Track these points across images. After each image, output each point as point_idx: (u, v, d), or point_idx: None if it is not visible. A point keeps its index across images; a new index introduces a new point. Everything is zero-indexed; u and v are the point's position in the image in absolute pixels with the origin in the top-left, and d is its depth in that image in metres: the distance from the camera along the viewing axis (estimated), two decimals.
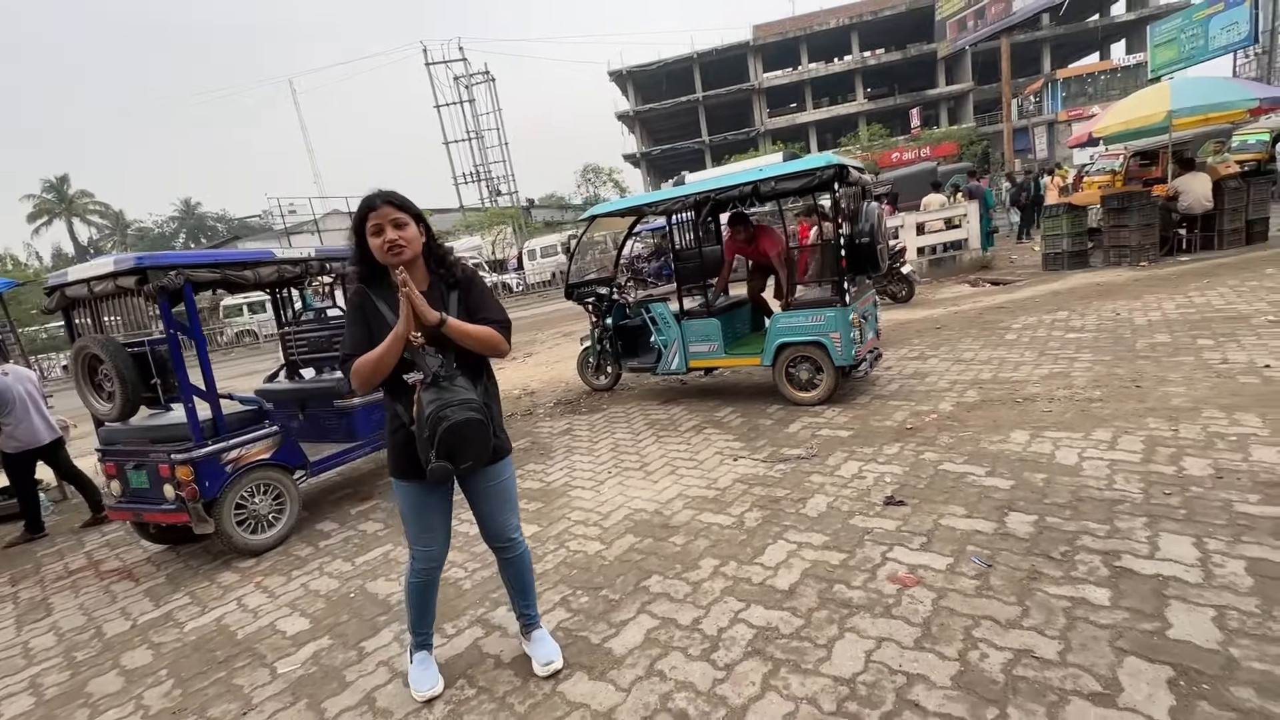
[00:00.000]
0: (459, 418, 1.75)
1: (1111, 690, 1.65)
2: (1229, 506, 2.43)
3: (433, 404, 1.76)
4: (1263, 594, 1.92)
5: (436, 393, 1.77)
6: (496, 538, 2.09)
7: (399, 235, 1.80)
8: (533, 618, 2.22)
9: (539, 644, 2.18)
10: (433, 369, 1.79)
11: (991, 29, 21.15)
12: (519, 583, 2.18)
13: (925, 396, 4.48)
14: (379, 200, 1.82)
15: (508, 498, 2.07)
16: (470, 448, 1.81)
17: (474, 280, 1.98)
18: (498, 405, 2.04)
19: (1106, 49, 42.17)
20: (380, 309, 1.86)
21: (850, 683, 1.84)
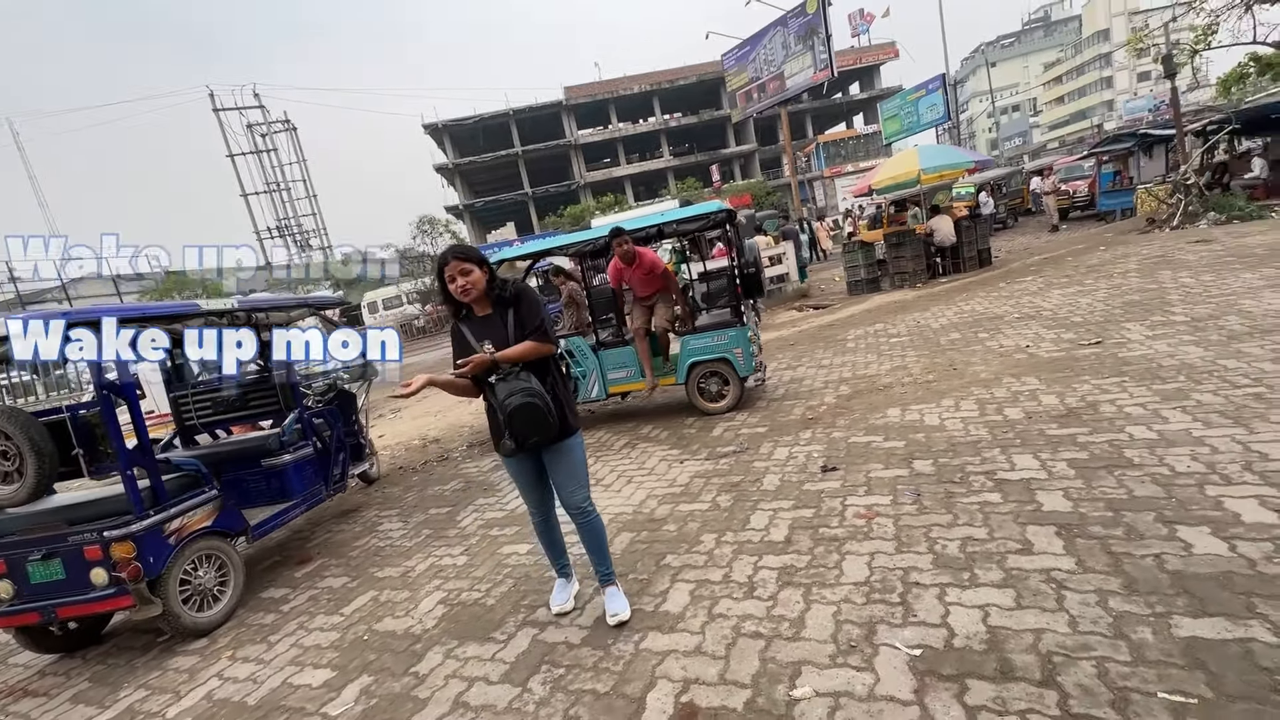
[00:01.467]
0: (519, 402, 2.27)
1: (1027, 547, 2.46)
2: (1043, 433, 3.54)
3: (503, 393, 2.30)
4: (1084, 478, 2.92)
5: (504, 385, 2.32)
6: (568, 506, 2.54)
7: (466, 281, 2.36)
8: (608, 573, 2.63)
9: (612, 598, 2.57)
10: (503, 369, 2.34)
11: (772, 101, 25.18)
12: (593, 545, 2.61)
13: (810, 395, 5.44)
14: (449, 256, 2.38)
15: (575, 472, 2.50)
16: (531, 425, 2.31)
17: (520, 297, 2.47)
18: (565, 391, 2.50)
19: (851, 120, 51.86)
20: (466, 335, 2.46)
21: (866, 583, 2.44)
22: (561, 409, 2.42)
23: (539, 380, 2.36)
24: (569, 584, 2.81)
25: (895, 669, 1.94)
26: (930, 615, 2.17)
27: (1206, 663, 1.72)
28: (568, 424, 2.45)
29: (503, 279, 2.48)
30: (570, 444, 2.48)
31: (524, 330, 2.40)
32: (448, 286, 2.39)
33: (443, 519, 4.28)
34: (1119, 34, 68.19)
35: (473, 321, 2.47)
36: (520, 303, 2.44)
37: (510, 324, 2.41)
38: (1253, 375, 3.70)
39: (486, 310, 2.47)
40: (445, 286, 2.40)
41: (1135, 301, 6.28)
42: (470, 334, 2.43)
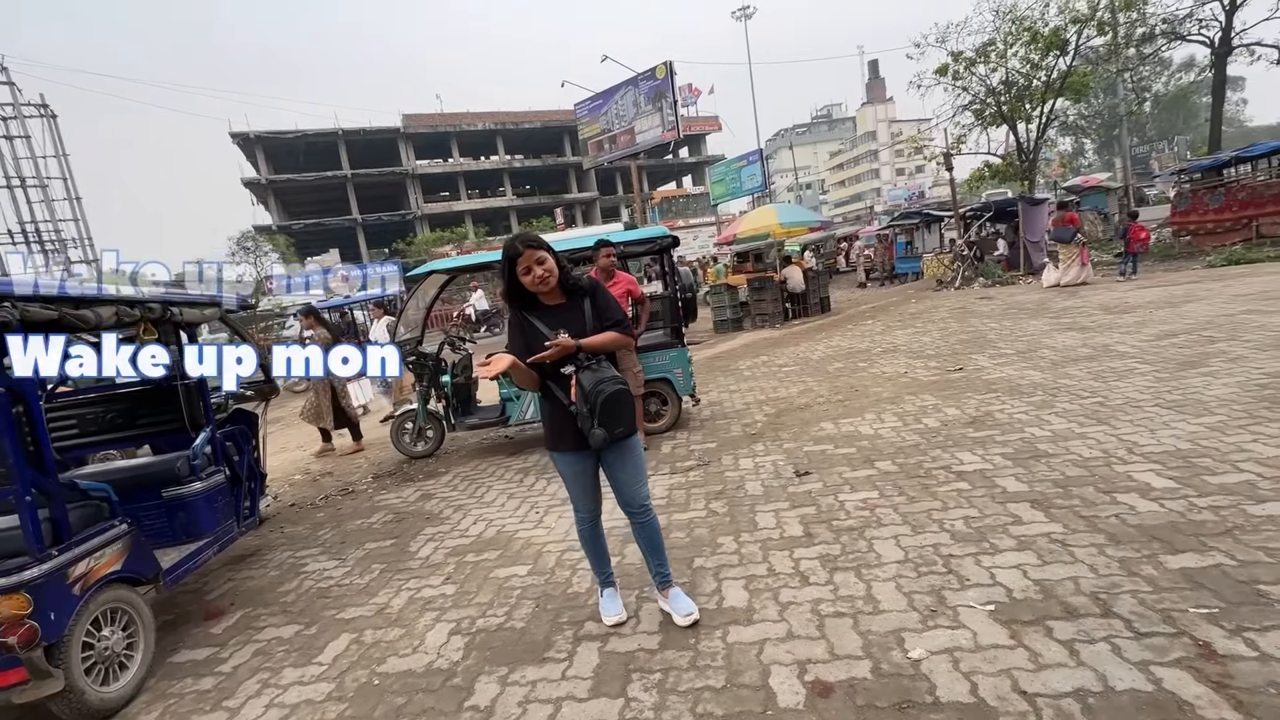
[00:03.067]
0: (612, 389, 2.21)
1: (1017, 519, 2.90)
2: (965, 436, 4.20)
3: (591, 381, 2.22)
4: (1021, 466, 3.52)
5: (591, 374, 2.24)
6: (630, 504, 2.46)
7: (543, 270, 2.27)
8: (667, 575, 2.55)
9: (676, 599, 2.49)
10: (581, 359, 2.28)
11: (623, 153, 26.70)
12: (651, 545, 2.52)
13: (738, 415, 5.78)
14: (522, 246, 2.28)
15: (639, 468, 2.45)
16: (622, 414, 2.25)
17: (596, 288, 2.46)
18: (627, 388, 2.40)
19: (680, 180, 56.62)
20: (536, 325, 2.33)
21: (907, 560, 2.68)
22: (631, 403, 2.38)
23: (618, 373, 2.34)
24: (617, 593, 2.67)
25: (983, 622, 2.18)
26: (980, 578, 2.46)
27: (1203, 583, 2.20)
28: (635, 419, 2.43)
29: (569, 269, 2.40)
30: (635, 441, 2.44)
31: (603, 321, 2.36)
32: (517, 277, 2.29)
33: (390, 552, 3.75)
34: (883, 136, 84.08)
35: (543, 312, 2.37)
36: (597, 294, 2.42)
37: (588, 314, 2.36)
38: (1088, 390, 4.78)
39: (558, 301, 2.39)
40: (513, 277, 2.30)
41: (967, 340, 7.71)
42: (541, 324, 2.32)
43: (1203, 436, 3.52)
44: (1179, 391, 4.37)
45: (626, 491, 2.44)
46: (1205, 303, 7.59)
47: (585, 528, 2.57)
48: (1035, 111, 18.54)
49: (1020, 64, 18.21)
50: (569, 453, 2.41)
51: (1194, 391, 4.32)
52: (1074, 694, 1.79)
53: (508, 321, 2.45)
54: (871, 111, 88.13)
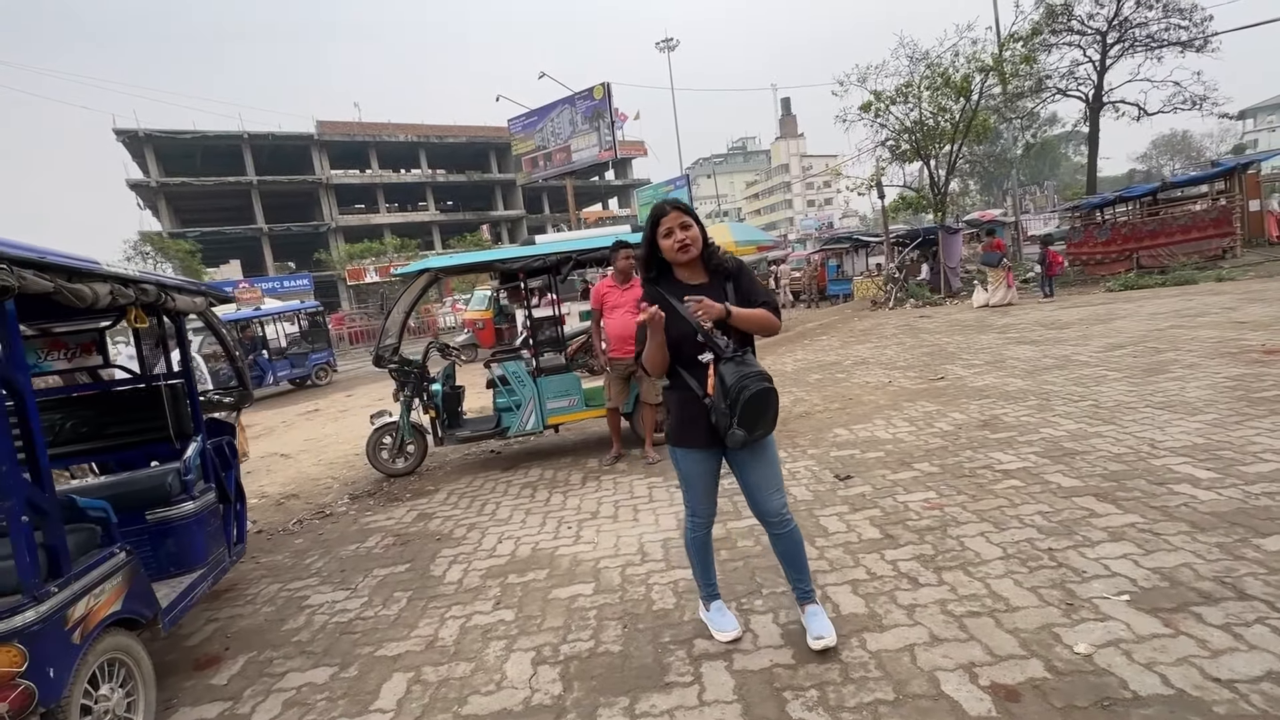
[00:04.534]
0: (757, 388, 1.98)
1: (1092, 512, 2.94)
2: (986, 438, 4.29)
3: (734, 376, 1.99)
4: (1062, 463, 3.62)
5: (735, 366, 2.01)
6: (767, 514, 2.20)
7: (686, 235, 2.07)
8: (808, 590, 2.28)
9: (814, 618, 2.23)
10: (724, 348, 2.05)
11: (559, 170, 26.54)
12: (790, 556, 2.25)
13: None
14: (668, 207, 2.11)
15: (776, 474, 2.20)
16: (764, 416, 2.03)
17: (743, 269, 2.24)
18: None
19: (606, 203, 57.03)
20: (672, 303, 2.08)
21: (1009, 557, 2.63)
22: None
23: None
24: (725, 605, 2.43)
25: (1129, 613, 2.13)
26: (1095, 569, 2.44)
27: None
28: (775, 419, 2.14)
29: (715, 247, 2.18)
30: (771, 442, 2.19)
31: (751, 301, 2.13)
32: (658, 240, 2.10)
33: (410, 578, 3.29)
34: (795, 169, 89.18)
35: (678, 287, 2.14)
36: (743, 274, 2.20)
37: (731, 295, 2.13)
38: (1075, 395, 5.06)
39: (699, 279, 2.18)
40: (653, 242, 2.12)
41: (930, 352, 8.07)
42: (677, 304, 2.06)
43: (1210, 432, 3.77)
44: (1160, 395, 4.71)
45: (762, 498, 2.18)
46: (1130, 320, 8.38)
47: (699, 534, 2.32)
48: (944, 150, 20.25)
49: (930, 106, 19.89)
50: (696, 450, 2.18)
51: (1174, 394, 4.66)
52: (1268, 677, 1.75)
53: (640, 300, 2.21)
54: (784, 145, 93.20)
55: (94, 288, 2.10)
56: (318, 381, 13.48)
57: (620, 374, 4.64)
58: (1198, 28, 20.06)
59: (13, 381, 1.75)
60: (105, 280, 2.20)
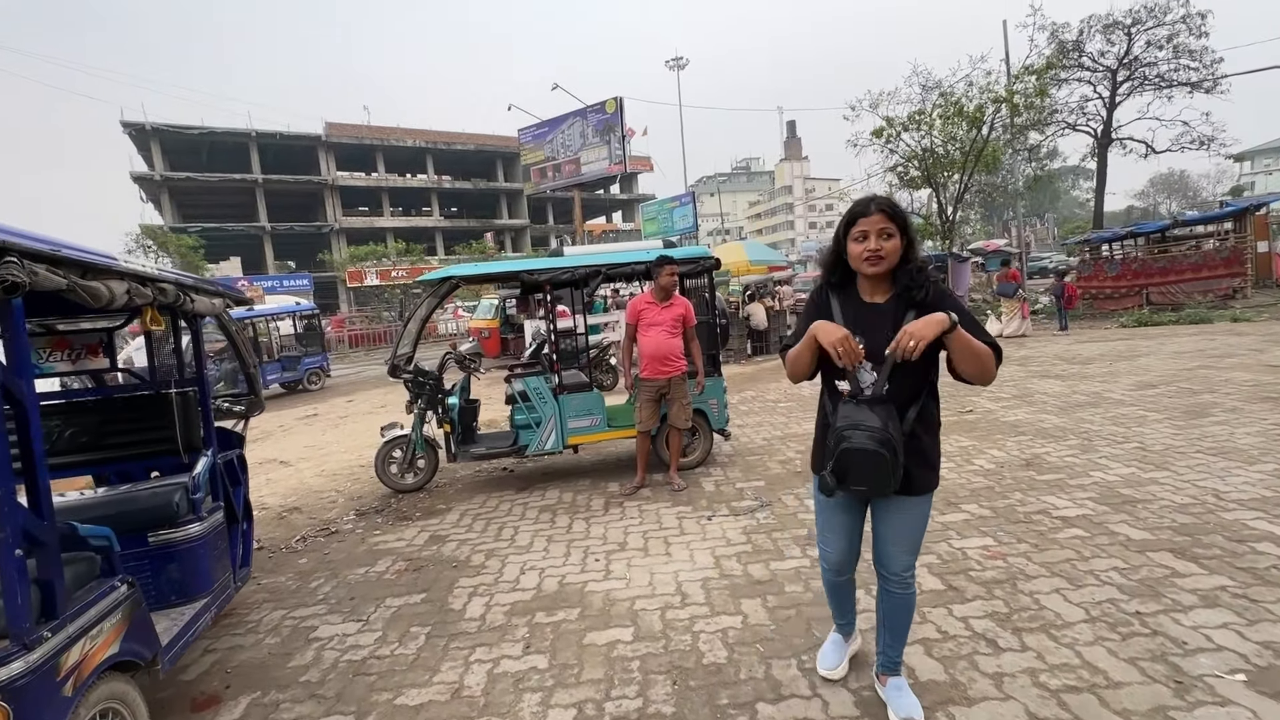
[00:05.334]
0: (857, 444, 1.73)
1: (1173, 571, 2.72)
2: (1033, 479, 4.08)
3: (843, 421, 1.78)
4: (1124, 512, 3.41)
5: (852, 411, 1.78)
6: (888, 570, 1.96)
7: (885, 246, 1.73)
8: (896, 662, 2.04)
9: (897, 692, 1.99)
10: (861, 385, 1.79)
11: (568, 182, 26.49)
12: (892, 621, 2.01)
13: (765, 451, 5.45)
14: (873, 207, 1.75)
15: (908, 534, 1.90)
16: (862, 474, 1.76)
17: (944, 299, 1.75)
18: (931, 436, 1.84)
19: (610, 216, 57.16)
20: (833, 309, 1.85)
21: (1091, 619, 2.41)
22: (926, 459, 1.81)
23: (915, 414, 1.78)
24: (845, 643, 2.25)
25: (1252, 697, 1.91)
26: (1197, 640, 2.22)
27: None
28: (926, 479, 1.83)
29: (921, 264, 1.77)
30: (918, 501, 1.86)
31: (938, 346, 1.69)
32: (847, 240, 1.77)
33: (427, 611, 3.03)
34: (798, 191, 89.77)
35: (850, 301, 1.84)
36: (946, 304, 1.71)
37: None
38: (1118, 435, 4.86)
39: (882, 296, 1.81)
40: (843, 239, 1.79)
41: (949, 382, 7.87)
42: (841, 314, 1.82)
43: (1276, 484, 3.57)
44: (1209, 439, 4.52)
45: (887, 553, 1.93)
46: (1154, 358, 8.23)
47: (830, 579, 2.11)
48: (954, 179, 20.29)
49: (941, 135, 19.97)
50: (824, 493, 1.89)
51: (1224, 439, 4.47)
52: None
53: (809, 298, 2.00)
54: (788, 167, 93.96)
55: (110, 285, 1.88)
56: (309, 386, 13.13)
57: (652, 395, 4.42)
58: (1207, 69, 20.26)
59: (14, 390, 1.52)
60: (123, 278, 1.98)
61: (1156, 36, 20.61)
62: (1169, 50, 20.57)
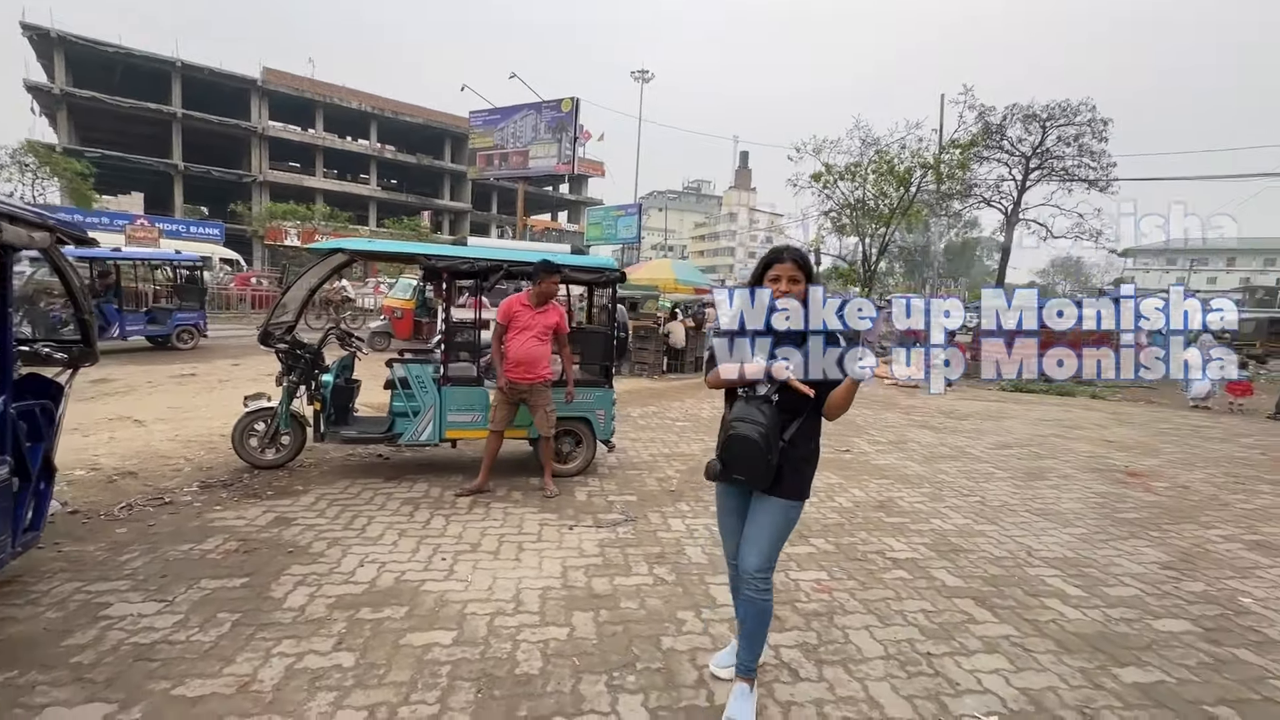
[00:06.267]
0: (742, 432, 2.02)
1: (970, 618, 2.96)
2: (881, 520, 4.34)
3: (736, 414, 2.08)
4: (947, 559, 3.68)
5: (743, 408, 2.07)
6: (745, 569, 2.15)
7: (790, 289, 2.05)
8: (746, 666, 2.20)
9: (737, 697, 2.16)
10: (757, 391, 2.08)
11: (514, 173, 26.06)
12: (746, 626, 2.19)
13: (647, 467, 5.52)
14: (785, 255, 2.10)
15: (766, 534, 2.11)
16: (742, 462, 2.04)
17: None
18: (803, 449, 2.10)
19: (556, 215, 56.71)
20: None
21: (888, 655, 2.58)
22: (796, 467, 2.09)
23: (797, 426, 2.07)
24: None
25: None
26: (969, 683, 2.42)
27: (1162, 701, 2.35)
28: (793, 485, 2.10)
29: None
30: (787, 506, 2.12)
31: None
32: (764, 280, 2.09)
33: (244, 597, 2.85)
34: (743, 220, 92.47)
35: None
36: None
37: None
38: (965, 489, 5.27)
39: None
40: (759, 279, 2.12)
41: (842, 424, 8.25)
42: None
43: (1078, 547, 3.97)
44: (1038, 501, 4.97)
45: (745, 551, 2.15)
46: (1018, 421, 9.01)
47: (730, 573, 2.34)
48: (879, 231, 21.59)
49: (873, 189, 21.23)
50: (721, 481, 2.19)
51: (1050, 502, 4.94)
52: None
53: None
54: (736, 195, 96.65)
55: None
56: (179, 345, 11.81)
57: (509, 398, 4.38)
58: (1103, 171, 22.62)
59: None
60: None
61: (1066, 134, 22.81)
62: (1074, 148, 22.81)
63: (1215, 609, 3.16)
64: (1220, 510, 4.90)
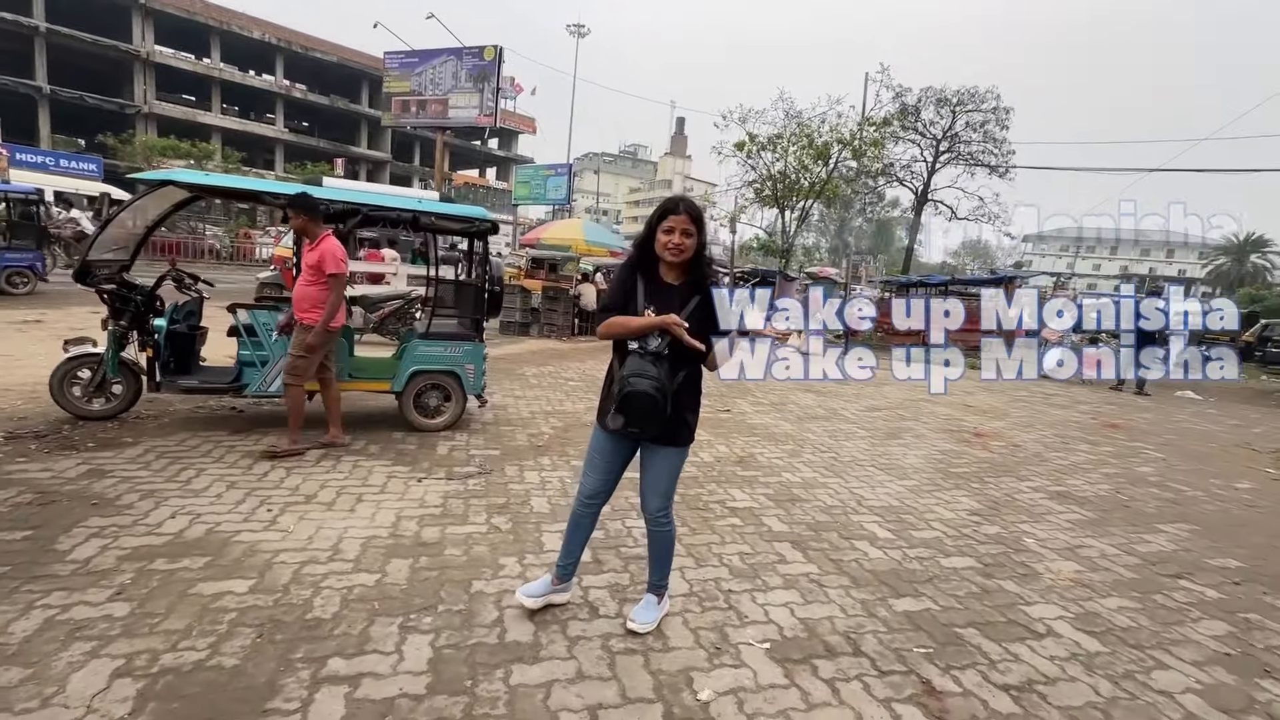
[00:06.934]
0: (640, 388, 2.09)
1: (782, 558, 3.17)
2: (735, 474, 4.54)
3: (630, 369, 2.14)
4: (782, 508, 3.90)
5: (637, 363, 2.14)
6: (647, 511, 2.38)
7: (685, 243, 2.15)
8: (655, 584, 2.49)
9: (643, 604, 2.46)
10: (649, 345, 2.15)
11: (432, 122, 24.74)
12: (653, 552, 2.47)
13: (523, 423, 5.51)
14: (681, 207, 2.16)
15: (662, 480, 2.33)
16: (637, 415, 2.13)
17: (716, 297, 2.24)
18: (690, 399, 2.29)
19: (484, 171, 54.53)
20: (637, 290, 2.22)
21: (692, 594, 2.72)
22: (684, 416, 2.27)
23: (683, 375, 2.22)
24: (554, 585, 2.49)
25: (762, 661, 2.27)
26: (757, 615, 2.59)
27: (920, 625, 2.61)
28: (683, 433, 2.30)
29: (710, 260, 2.27)
30: (679, 452, 2.34)
31: (706, 328, 2.17)
32: (657, 232, 2.17)
33: (22, 549, 2.65)
34: (678, 187, 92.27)
35: (652, 280, 2.24)
36: (714, 300, 2.21)
37: (694, 311, 2.17)
38: (825, 445, 5.59)
39: (675, 280, 2.24)
40: (653, 232, 2.19)
41: (732, 385, 8.57)
42: (643, 291, 2.21)
43: (905, 496, 4.32)
44: (886, 457, 5.35)
45: (647, 496, 2.36)
46: (896, 388, 9.61)
47: (582, 511, 2.41)
48: (798, 204, 22.12)
49: (795, 162, 21.65)
50: (607, 432, 2.29)
51: (896, 458, 5.33)
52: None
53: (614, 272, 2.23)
54: (671, 163, 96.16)
55: None
56: (10, 289, 10.55)
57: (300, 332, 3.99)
58: (1003, 158, 24.04)
59: None
60: None
61: (974, 120, 23.99)
62: (980, 134, 24.06)
63: (1000, 548, 3.53)
64: (1040, 465, 5.44)
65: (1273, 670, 2.47)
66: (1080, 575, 3.24)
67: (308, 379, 4.07)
